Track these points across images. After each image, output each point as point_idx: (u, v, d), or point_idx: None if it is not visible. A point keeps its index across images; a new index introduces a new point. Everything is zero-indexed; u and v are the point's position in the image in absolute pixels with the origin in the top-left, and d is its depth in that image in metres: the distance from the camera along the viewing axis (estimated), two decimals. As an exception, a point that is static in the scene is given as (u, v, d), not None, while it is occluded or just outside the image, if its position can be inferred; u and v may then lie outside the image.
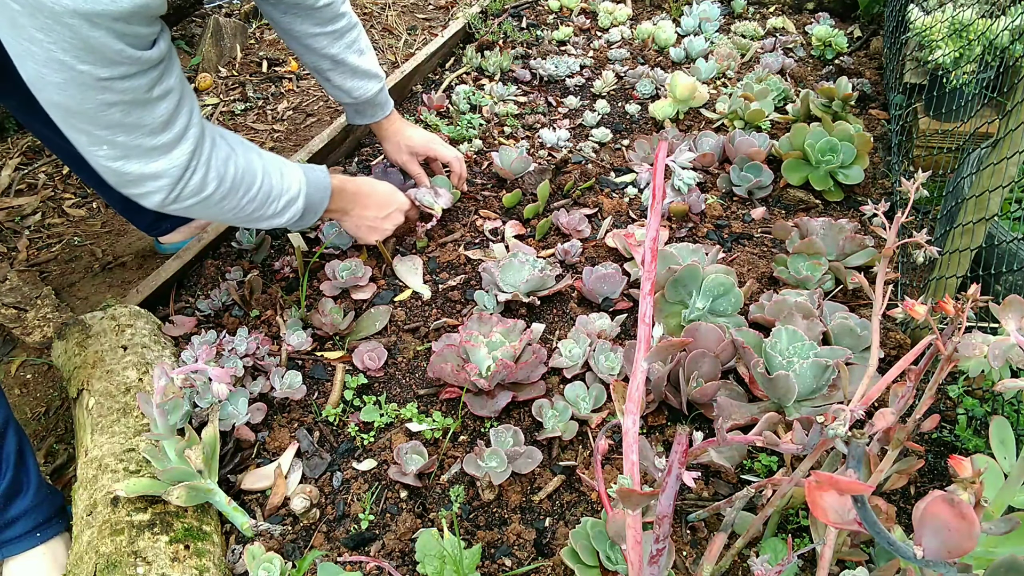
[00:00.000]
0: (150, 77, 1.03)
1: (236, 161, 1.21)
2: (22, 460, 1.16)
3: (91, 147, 1.06)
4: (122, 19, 0.94)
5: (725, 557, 1.02)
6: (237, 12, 3.10)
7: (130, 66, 0.99)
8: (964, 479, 0.52)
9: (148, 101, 1.05)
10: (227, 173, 1.19)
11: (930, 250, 0.98)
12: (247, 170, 1.23)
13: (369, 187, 1.60)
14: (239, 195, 1.22)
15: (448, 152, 1.84)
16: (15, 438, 1.15)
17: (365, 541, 1.21)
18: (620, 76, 2.49)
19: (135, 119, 1.04)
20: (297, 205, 1.33)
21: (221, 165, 1.18)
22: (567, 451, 1.33)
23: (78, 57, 0.93)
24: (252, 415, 1.37)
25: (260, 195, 1.26)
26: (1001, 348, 0.64)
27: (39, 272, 1.93)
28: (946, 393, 1.37)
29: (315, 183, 1.39)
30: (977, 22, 1.83)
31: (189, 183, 1.14)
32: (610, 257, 1.74)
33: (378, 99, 1.74)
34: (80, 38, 0.92)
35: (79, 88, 0.97)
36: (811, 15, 2.92)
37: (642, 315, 0.75)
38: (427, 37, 3.05)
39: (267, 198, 1.28)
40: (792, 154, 1.90)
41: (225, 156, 1.19)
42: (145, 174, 1.10)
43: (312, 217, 1.40)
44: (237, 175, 1.21)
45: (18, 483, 1.15)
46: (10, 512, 1.14)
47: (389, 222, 1.62)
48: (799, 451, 0.73)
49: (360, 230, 1.61)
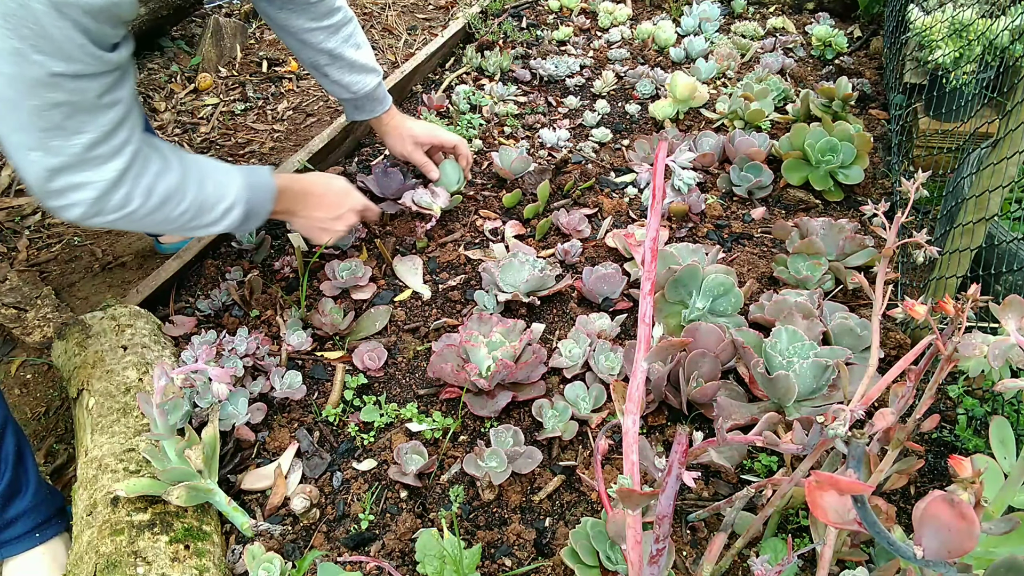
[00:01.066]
0: (103, 82, 1.00)
1: (168, 176, 1.16)
2: (21, 460, 1.16)
3: (21, 149, 1.00)
4: (91, 14, 0.92)
5: (725, 557, 1.02)
6: (237, 12, 3.10)
7: (87, 64, 0.96)
8: (964, 479, 0.52)
9: (95, 107, 1.01)
10: (156, 188, 1.14)
11: (930, 250, 0.98)
12: (180, 183, 1.17)
13: (321, 187, 1.52)
14: (168, 208, 1.17)
15: (452, 137, 1.84)
16: (13, 439, 1.15)
17: (365, 541, 1.21)
18: (620, 76, 2.49)
19: (76, 124, 1.00)
20: (236, 212, 1.27)
21: (151, 180, 1.13)
22: (567, 451, 1.33)
23: (35, 46, 0.90)
24: (252, 415, 1.37)
25: (192, 206, 1.20)
26: (1001, 348, 0.64)
27: (39, 272, 1.93)
28: (946, 393, 1.37)
29: (257, 187, 1.32)
30: (977, 22, 1.83)
31: (113, 199, 1.09)
32: (610, 257, 1.74)
33: (377, 93, 1.73)
34: (41, 25, 0.89)
35: (27, 82, 0.93)
36: (811, 15, 2.92)
37: (642, 315, 0.75)
38: (427, 37, 3.05)
39: (200, 208, 1.22)
40: (792, 154, 1.90)
41: (157, 171, 1.14)
42: (71, 184, 1.04)
43: (256, 221, 1.34)
44: (168, 189, 1.15)
45: (17, 484, 1.15)
46: (9, 513, 1.14)
47: (341, 223, 1.54)
48: (799, 451, 0.73)
49: (311, 232, 1.54)
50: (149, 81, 2.69)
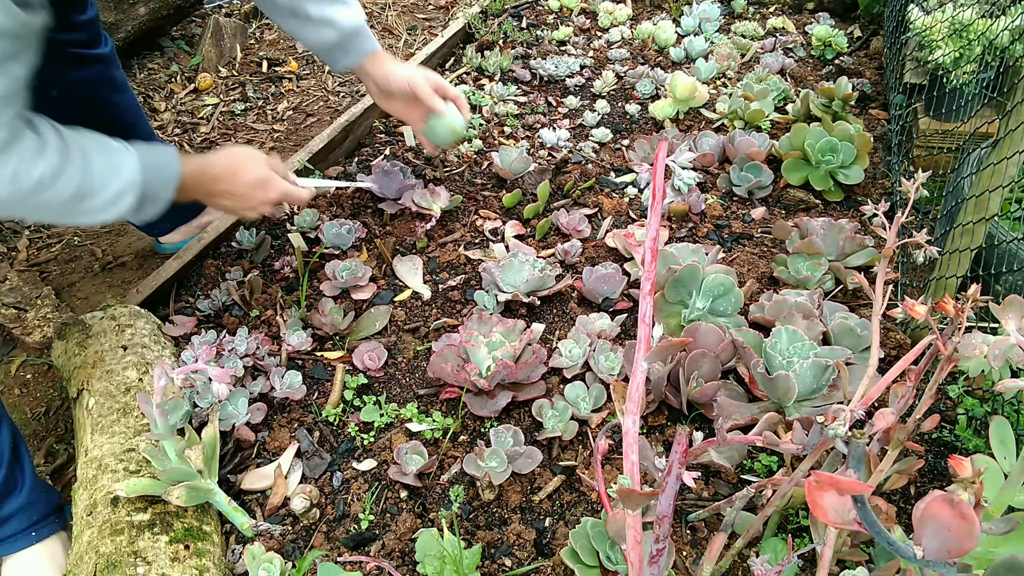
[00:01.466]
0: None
1: (43, 162, 1.03)
2: (16, 458, 1.15)
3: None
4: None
5: (725, 557, 1.02)
6: (237, 12, 3.10)
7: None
8: (964, 479, 0.52)
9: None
10: (28, 175, 1.02)
11: (930, 250, 0.98)
12: (57, 169, 1.05)
13: (228, 179, 1.35)
14: (45, 195, 1.05)
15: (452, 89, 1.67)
16: (8, 436, 1.14)
17: (365, 541, 1.21)
18: (620, 76, 2.49)
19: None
20: (128, 199, 1.15)
21: (25, 166, 1.01)
22: (567, 451, 1.33)
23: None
24: (252, 415, 1.37)
25: (75, 192, 1.08)
26: (1001, 348, 0.64)
27: (39, 272, 1.93)
28: (946, 393, 1.37)
29: (155, 170, 1.20)
30: (977, 22, 1.83)
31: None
32: (610, 257, 1.74)
33: (364, 29, 1.55)
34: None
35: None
36: (811, 15, 2.92)
37: (642, 315, 0.75)
38: (427, 37, 3.05)
39: (84, 194, 1.09)
40: (792, 154, 1.90)
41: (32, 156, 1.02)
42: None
43: (154, 208, 1.22)
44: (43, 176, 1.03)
45: (12, 481, 1.14)
46: (3, 510, 1.14)
47: (253, 212, 1.42)
48: (799, 451, 0.74)
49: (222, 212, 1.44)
50: (149, 81, 2.69)
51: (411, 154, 2.13)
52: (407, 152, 2.15)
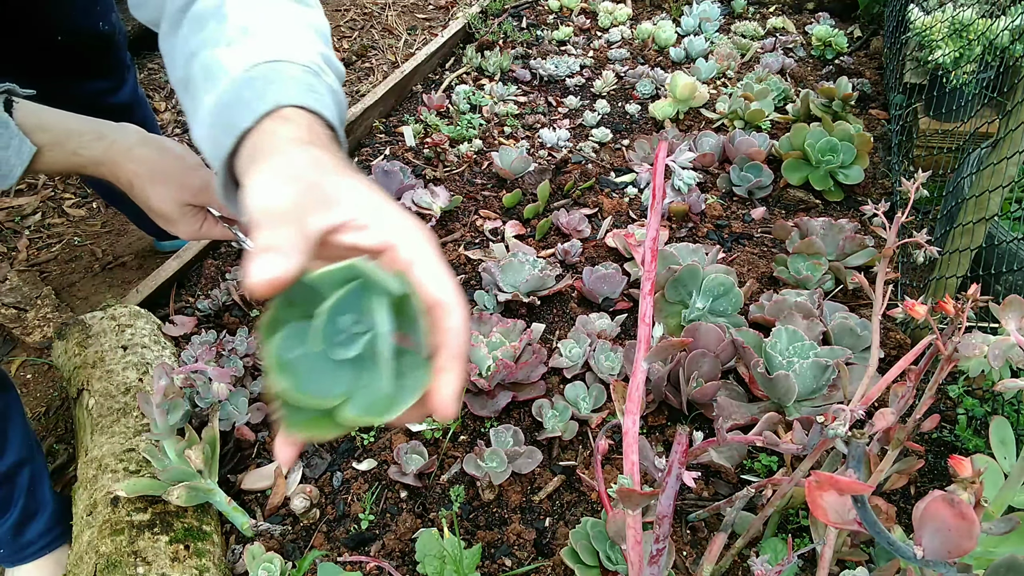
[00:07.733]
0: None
1: None
2: (35, 488, 1.16)
3: None
4: None
5: (725, 557, 1.02)
6: (237, 12, 3.10)
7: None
8: (964, 479, 0.52)
9: None
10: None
11: (930, 250, 0.98)
12: None
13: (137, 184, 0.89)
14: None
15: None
16: (28, 470, 1.14)
17: (365, 541, 1.21)
18: (620, 76, 2.49)
19: None
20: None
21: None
22: (567, 451, 1.33)
23: None
24: (252, 415, 1.37)
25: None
26: (1001, 348, 0.64)
27: (39, 272, 1.93)
28: (946, 393, 1.37)
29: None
30: (977, 22, 1.83)
31: None
32: (610, 257, 1.73)
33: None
34: None
35: None
36: (811, 15, 2.92)
37: (642, 315, 0.75)
38: (427, 37, 3.05)
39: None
40: (792, 154, 1.90)
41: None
42: None
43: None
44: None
45: (32, 509, 1.16)
46: (25, 536, 1.15)
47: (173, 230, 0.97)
48: (799, 451, 0.73)
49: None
50: (149, 81, 2.69)
51: (411, 154, 2.13)
52: (407, 152, 2.15)
